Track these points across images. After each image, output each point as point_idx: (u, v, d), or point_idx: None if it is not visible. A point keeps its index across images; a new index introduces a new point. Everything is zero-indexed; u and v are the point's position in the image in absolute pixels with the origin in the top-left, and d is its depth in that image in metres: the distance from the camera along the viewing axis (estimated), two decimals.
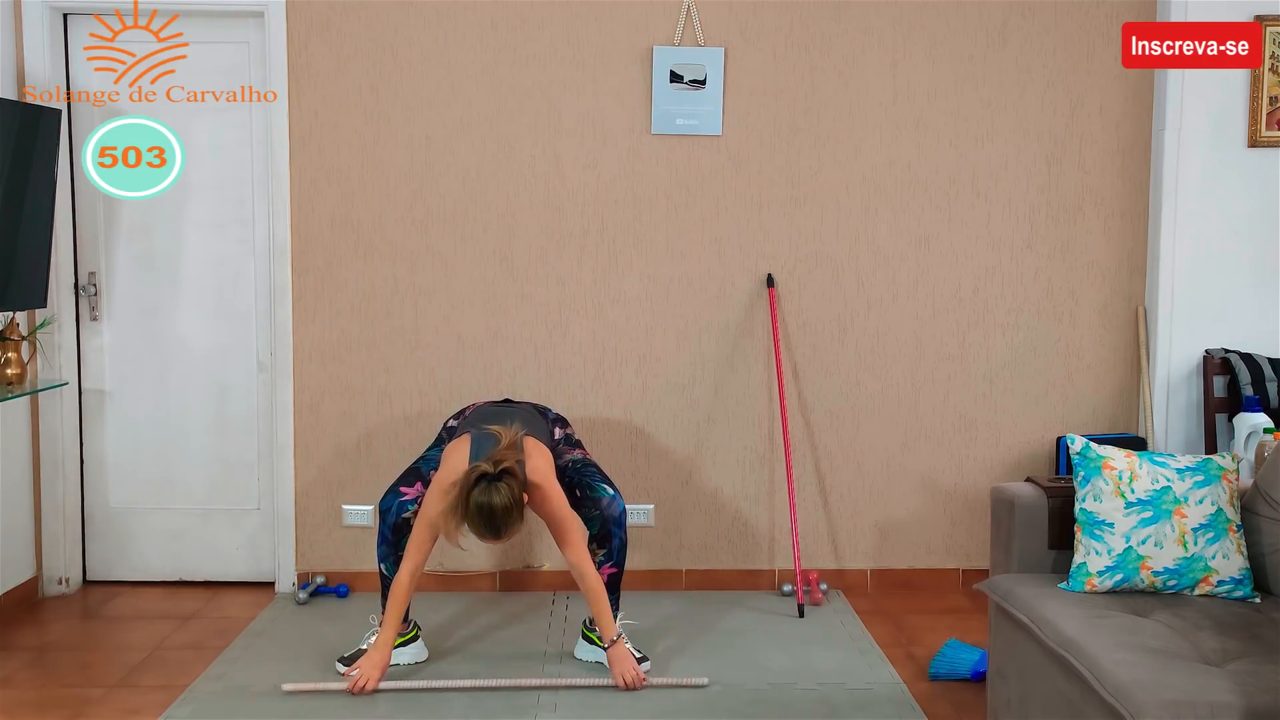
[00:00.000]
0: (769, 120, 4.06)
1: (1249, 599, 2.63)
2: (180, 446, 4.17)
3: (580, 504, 3.34)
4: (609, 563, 3.38)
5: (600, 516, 3.34)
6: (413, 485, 3.35)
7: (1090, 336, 4.18)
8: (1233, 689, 2.08)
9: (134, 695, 3.20)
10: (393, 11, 3.98)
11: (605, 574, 3.36)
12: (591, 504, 3.34)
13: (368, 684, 3.18)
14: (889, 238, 4.12)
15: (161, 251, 4.12)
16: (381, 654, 3.22)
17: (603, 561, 3.37)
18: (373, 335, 4.07)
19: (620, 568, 3.40)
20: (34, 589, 4.03)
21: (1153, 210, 4.12)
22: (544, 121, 4.03)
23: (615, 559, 3.38)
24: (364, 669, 3.20)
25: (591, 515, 3.34)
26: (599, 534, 3.36)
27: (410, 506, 3.31)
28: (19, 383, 3.73)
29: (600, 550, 3.37)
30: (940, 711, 3.12)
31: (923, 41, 4.06)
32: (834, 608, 3.97)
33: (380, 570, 3.37)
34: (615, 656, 3.25)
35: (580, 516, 3.35)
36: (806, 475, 4.17)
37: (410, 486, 3.35)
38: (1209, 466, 2.69)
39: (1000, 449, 4.20)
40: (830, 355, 4.15)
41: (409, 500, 3.32)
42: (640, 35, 4.01)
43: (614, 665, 3.25)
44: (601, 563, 3.37)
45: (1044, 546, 2.84)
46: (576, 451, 3.49)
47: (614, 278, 4.09)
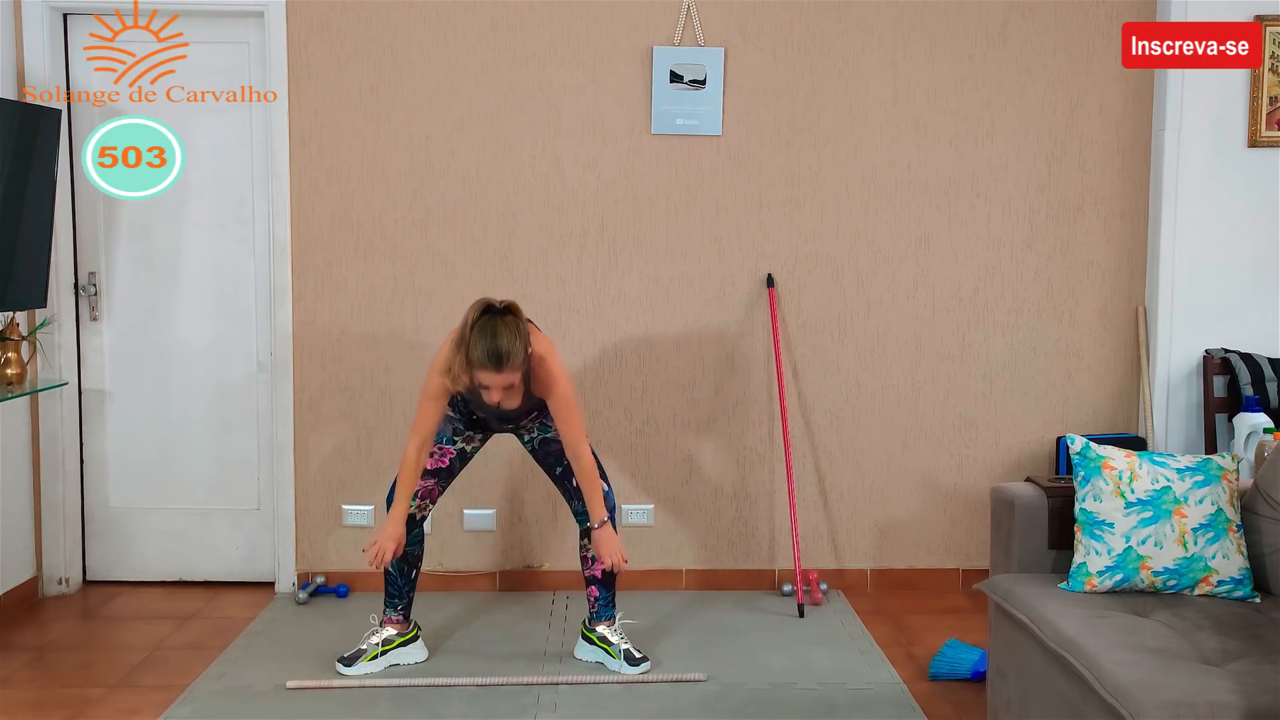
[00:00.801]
0: (769, 120, 4.06)
1: (1249, 599, 2.63)
2: (180, 446, 4.17)
3: (574, 495, 3.37)
4: None
5: None
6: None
7: (1090, 336, 4.18)
8: (1233, 689, 2.08)
9: (134, 695, 3.20)
10: (393, 11, 3.98)
11: (600, 568, 3.39)
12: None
13: (384, 555, 3.19)
14: (889, 238, 4.12)
15: (161, 251, 4.12)
16: (395, 527, 3.22)
17: (596, 556, 3.38)
18: (373, 335, 4.07)
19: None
20: (34, 589, 4.03)
21: (1153, 210, 4.12)
22: (544, 121, 4.03)
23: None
24: (380, 541, 3.21)
25: (584, 510, 3.36)
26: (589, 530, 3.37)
27: (412, 503, 3.32)
28: (19, 383, 3.73)
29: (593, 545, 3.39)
30: (940, 711, 3.12)
31: (923, 41, 4.06)
32: (834, 608, 3.97)
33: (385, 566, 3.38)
34: (600, 538, 3.27)
35: (573, 510, 3.40)
36: (806, 475, 4.17)
37: None
38: (1209, 466, 2.69)
39: (1000, 449, 4.20)
40: (830, 355, 4.15)
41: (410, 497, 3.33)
42: (640, 35, 4.01)
43: (599, 546, 3.27)
44: (595, 557, 3.38)
45: (1044, 546, 2.84)
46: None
47: (614, 278, 4.09)
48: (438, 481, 3.37)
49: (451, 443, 3.36)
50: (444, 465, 3.36)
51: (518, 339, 2.99)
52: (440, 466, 3.35)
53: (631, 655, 3.36)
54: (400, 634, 3.40)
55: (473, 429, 3.39)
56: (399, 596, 3.40)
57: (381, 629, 3.40)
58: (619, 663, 3.36)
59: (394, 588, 3.40)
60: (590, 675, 3.32)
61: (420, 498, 3.34)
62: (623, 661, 3.35)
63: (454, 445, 3.36)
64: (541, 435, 3.38)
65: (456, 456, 3.38)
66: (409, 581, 3.41)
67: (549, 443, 3.38)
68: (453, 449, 3.36)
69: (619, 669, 3.35)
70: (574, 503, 3.40)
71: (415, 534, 3.37)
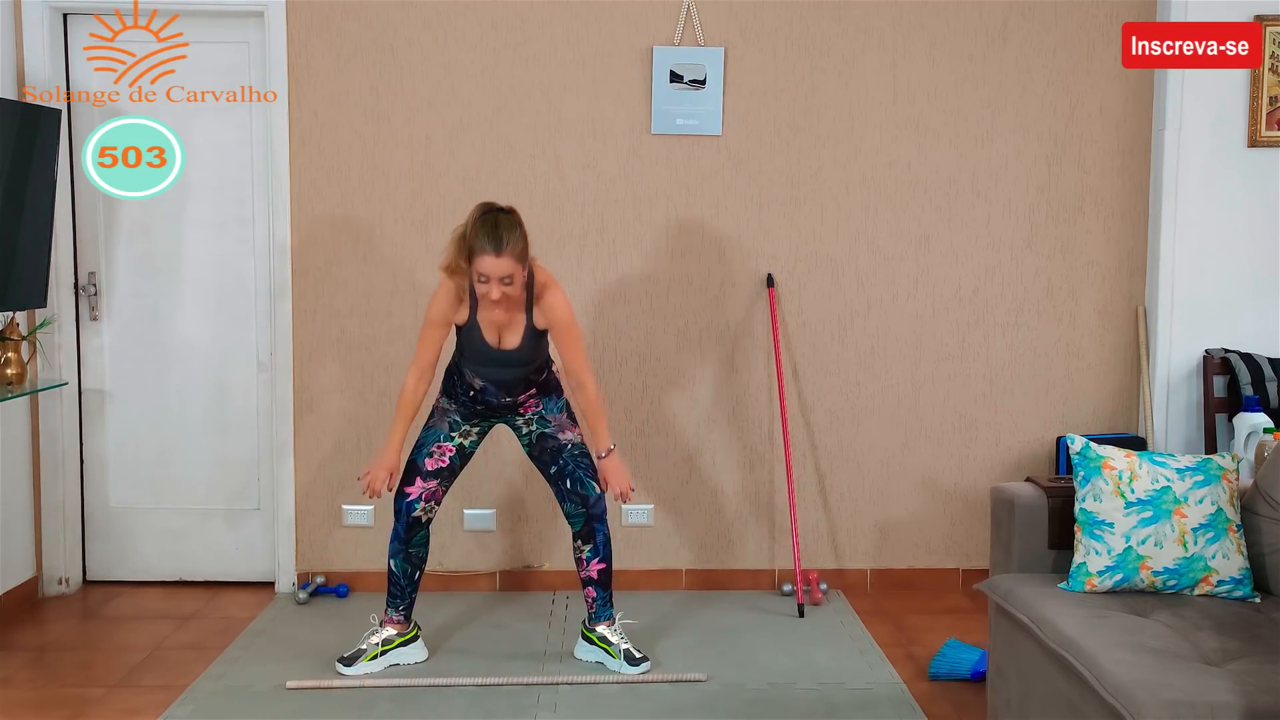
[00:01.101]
0: (769, 120, 4.06)
1: (1249, 599, 2.63)
2: (180, 446, 4.17)
3: (567, 497, 3.37)
4: (597, 558, 3.40)
5: (584, 514, 3.37)
6: (413, 483, 3.35)
7: (1090, 336, 4.18)
8: (1233, 689, 2.08)
9: (134, 695, 3.20)
10: (393, 11, 3.98)
11: (595, 569, 3.40)
12: (579, 500, 3.36)
13: (375, 484, 3.23)
14: (889, 238, 4.12)
15: (161, 251, 4.12)
16: (390, 456, 3.28)
17: (590, 557, 3.40)
18: (373, 335, 4.07)
19: (609, 562, 3.43)
20: (34, 589, 4.03)
21: (1153, 210, 4.12)
22: (544, 121, 4.03)
23: (602, 553, 3.41)
24: (373, 470, 3.26)
25: (576, 512, 3.37)
26: (582, 530, 3.39)
27: (417, 505, 3.33)
28: (19, 383, 3.73)
29: (586, 546, 3.40)
30: (940, 711, 3.12)
31: (923, 41, 4.06)
32: (834, 608, 3.97)
33: (389, 566, 3.40)
34: (607, 466, 3.33)
35: (565, 512, 3.40)
36: (806, 475, 4.17)
37: (411, 485, 3.35)
38: (1209, 466, 2.69)
39: (1000, 449, 4.20)
40: (830, 355, 4.15)
41: (414, 499, 3.33)
42: (640, 35, 4.01)
43: (607, 475, 3.34)
44: (590, 558, 3.40)
45: (1044, 546, 2.84)
46: (574, 431, 3.44)
47: (614, 278, 4.09)
48: (440, 482, 3.37)
49: (449, 439, 3.36)
50: (444, 464, 3.36)
51: (516, 229, 3.08)
52: (441, 466, 3.35)
53: (631, 655, 3.36)
54: (400, 634, 3.41)
55: (471, 420, 3.37)
56: (401, 597, 3.41)
57: (382, 629, 3.41)
58: (619, 663, 3.36)
59: (397, 588, 3.40)
60: (590, 675, 3.32)
61: (425, 499, 3.34)
62: (623, 661, 3.35)
63: (452, 442, 3.36)
64: (540, 430, 3.38)
65: (456, 453, 3.37)
66: (412, 583, 3.41)
67: (546, 438, 3.37)
68: (451, 445, 3.36)
69: (619, 669, 3.35)
70: (566, 504, 3.39)
71: (421, 535, 3.38)
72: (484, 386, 3.32)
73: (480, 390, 3.32)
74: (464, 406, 3.36)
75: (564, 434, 3.39)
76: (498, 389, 3.32)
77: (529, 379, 3.34)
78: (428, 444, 3.36)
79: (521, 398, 3.36)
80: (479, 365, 3.29)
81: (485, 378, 3.30)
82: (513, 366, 3.29)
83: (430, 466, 3.34)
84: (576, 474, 3.36)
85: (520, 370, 3.30)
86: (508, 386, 3.32)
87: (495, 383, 3.31)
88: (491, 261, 3.04)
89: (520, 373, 3.31)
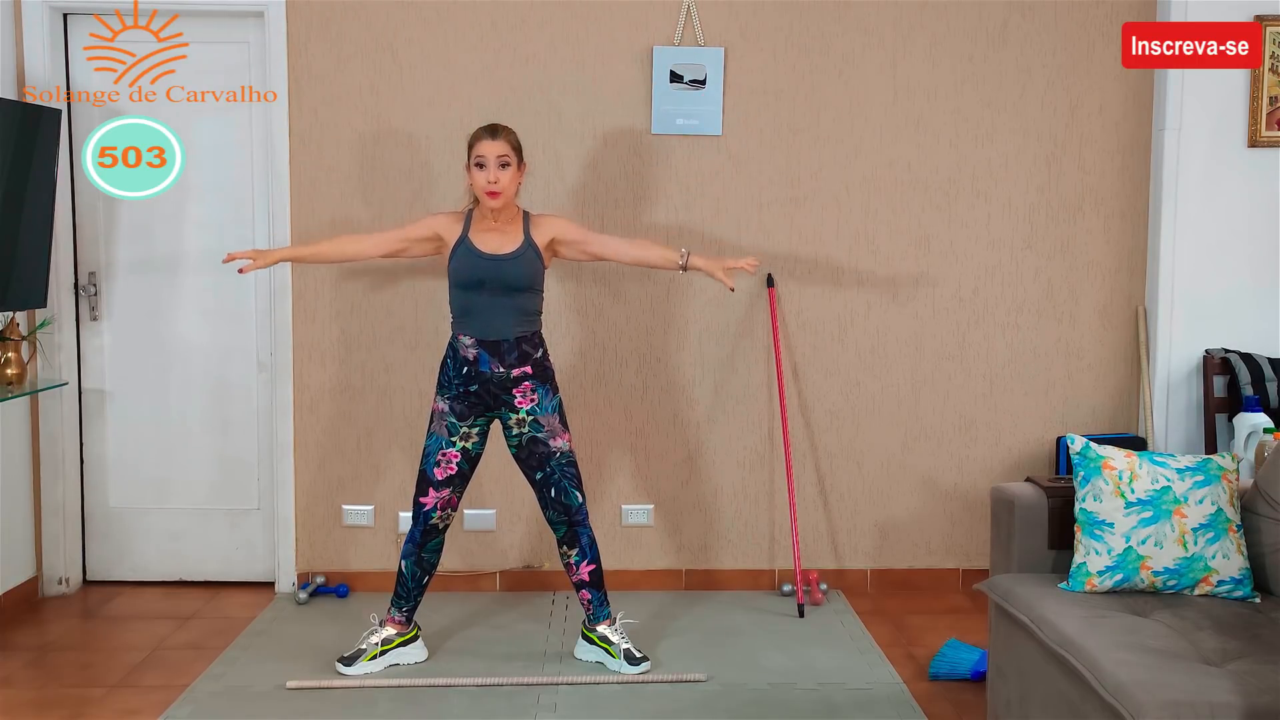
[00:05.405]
0: (769, 120, 4.06)
1: (1249, 599, 2.63)
2: (180, 446, 4.17)
3: (550, 504, 3.37)
4: (585, 560, 3.41)
5: (566, 521, 3.37)
6: (426, 493, 3.35)
7: (1090, 336, 4.18)
8: (1233, 689, 2.08)
9: (134, 695, 3.20)
10: (393, 11, 3.98)
11: (585, 572, 3.41)
12: (562, 509, 3.36)
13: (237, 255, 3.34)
14: (889, 238, 4.12)
15: (161, 251, 4.12)
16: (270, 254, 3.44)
17: (578, 560, 3.40)
18: (373, 335, 4.07)
19: (598, 562, 3.44)
20: (34, 589, 4.03)
21: (1153, 210, 4.12)
22: (544, 121, 4.02)
23: (590, 555, 3.41)
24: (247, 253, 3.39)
25: (559, 519, 3.37)
26: (565, 536, 3.40)
27: (434, 514, 3.35)
28: (19, 383, 3.73)
29: (572, 550, 3.41)
30: (940, 711, 3.12)
31: (923, 41, 4.06)
32: (834, 608, 3.97)
33: (400, 567, 3.41)
34: (699, 262, 3.40)
35: (546, 518, 3.41)
36: (806, 475, 4.17)
37: (425, 495, 3.35)
38: (1209, 466, 2.69)
39: (1000, 449, 4.20)
40: (830, 355, 4.15)
41: (430, 509, 3.35)
42: (640, 35, 4.01)
43: (709, 270, 3.39)
44: (578, 561, 3.40)
45: (1044, 546, 2.84)
46: (564, 438, 3.40)
47: (614, 277, 4.09)
48: (453, 489, 3.36)
49: (451, 444, 3.34)
50: (453, 471, 3.35)
51: (512, 130, 3.29)
52: (450, 474, 3.34)
53: (632, 655, 3.36)
54: (400, 634, 3.41)
55: (466, 416, 3.33)
56: (407, 599, 3.41)
57: (382, 628, 3.41)
58: (619, 662, 3.36)
59: (404, 589, 3.40)
60: (590, 675, 3.32)
61: (440, 508, 3.35)
62: (623, 661, 3.35)
63: (455, 447, 3.34)
64: (532, 433, 3.34)
65: (462, 458, 3.36)
66: (420, 586, 3.42)
67: (536, 443, 3.34)
68: (455, 451, 3.34)
69: (619, 669, 3.35)
70: (548, 511, 3.39)
71: (435, 542, 3.40)
72: (477, 355, 3.27)
73: (474, 361, 3.27)
74: (456, 392, 3.30)
75: (554, 441, 3.36)
76: (490, 354, 3.26)
77: (521, 347, 3.28)
78: (433, 453, 3.35)
79: (515, 373, 3.28)
80: (468, 291, 3.26)
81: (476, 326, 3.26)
82: (504, 291, 3.25)
83: (440, 476, 3.33)
84: (562, 484, 3.36)
85: (511, 300, 3.26)
86: (501, 348, 3.26)
87: (487, 337, 3.25)
88: (488, 143, 3.22)
89: (511, 305, 3.26)
